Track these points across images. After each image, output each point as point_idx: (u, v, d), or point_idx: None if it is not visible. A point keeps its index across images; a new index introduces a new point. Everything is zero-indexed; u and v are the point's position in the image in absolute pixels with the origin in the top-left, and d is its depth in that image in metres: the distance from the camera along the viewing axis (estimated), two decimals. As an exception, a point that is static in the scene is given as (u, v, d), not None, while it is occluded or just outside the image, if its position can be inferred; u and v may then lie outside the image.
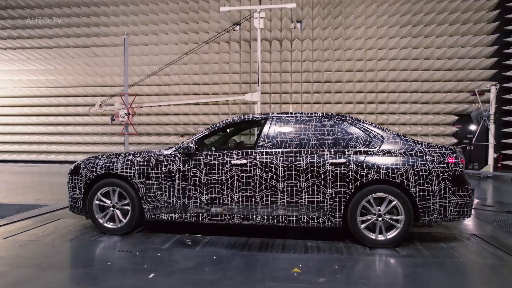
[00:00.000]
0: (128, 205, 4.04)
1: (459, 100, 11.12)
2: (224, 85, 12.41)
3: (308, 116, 4.00)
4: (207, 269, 3.04)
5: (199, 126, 12.54)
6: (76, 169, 4.20)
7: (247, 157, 3.83)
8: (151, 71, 12.28)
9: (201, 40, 12.36)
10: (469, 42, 10.99)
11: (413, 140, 3.80)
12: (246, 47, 12.35)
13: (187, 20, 12.45)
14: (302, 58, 11.98)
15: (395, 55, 11.31)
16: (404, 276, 2.94)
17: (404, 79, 11.38)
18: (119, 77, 12.68)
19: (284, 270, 3.03)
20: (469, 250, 3.56)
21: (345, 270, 3.06)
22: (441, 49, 11.03)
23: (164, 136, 12.65)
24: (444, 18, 11.02)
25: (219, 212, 3.88)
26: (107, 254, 3.46)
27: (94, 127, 12.95)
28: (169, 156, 3.98)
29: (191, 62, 12.35)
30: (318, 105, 11.91)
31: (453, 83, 11.02)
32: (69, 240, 3.88)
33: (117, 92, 12.31)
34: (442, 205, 3.58)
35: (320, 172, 3.68)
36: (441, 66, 11.10)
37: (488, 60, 10.88)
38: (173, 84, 12.60)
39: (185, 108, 12.50)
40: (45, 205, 5.68)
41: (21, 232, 4.14)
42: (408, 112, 11.35)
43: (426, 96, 11.21)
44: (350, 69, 11.68)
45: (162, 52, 12.53)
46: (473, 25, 10.93)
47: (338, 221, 3.71)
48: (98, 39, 12.88)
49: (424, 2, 11.08)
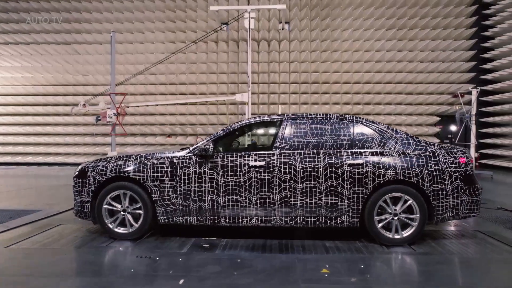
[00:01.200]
0: (139, 209, 3.92)
1: (440, 101, 11.60)
2: (212, 85, 12.29)
3: (323, 117, 4.04)
4: (236, 273, 3.00)
5: (187, 127, 12.35)
6: (83, 172, 4.02)
7: (265, 159, 3.81)
8: (136, 70, 11.96)
9: (189, 39, 12.17)
10: (450, 46, 11.49)
11: (425, 141, 3.93)
12: (234, 47, 12.29)
13: (174, 19, 12.22)
14: (290, 59, 12.07)
15: (380, 57, 11.63)
16: (430, 273, 3.03)
17: (389, 81, 11.72)
18: (102, 76, 12.25)
19: (313, 271, 3.05)
20: (480, 246, 3.72)
21: (372, 269, 3.12)
22: (424, 53, 11.46)
23: (150, 136, 12.34)
24: (426, 23, 11.45)
25: (236, 214, 3.84)
26: (125, 260, 3.34)
27: (76, 127, 12.44)
28: (184, 158, 3.89)
29: (178, 61, 12.14)
30: (306, 105, 12.04)
31: (435, 85, 11.47)
32: (79, 246, 3.70)
33: (101, 92, 11.91)
34: (454, 204, 3.73)
35: (339, 173, 3.73)
36: (424, 69, 11.54)
37: (467, 64, 11.42)
38: (159, 83, 12.33)
39: (172, 108, 12.26)
40: (38, 210, 5.40)
41: (23, 240, 3.92)
42: (393, 113, 11.70)
43: (410, 97, 11.60)
44: (337, 70, 11.89)
45: (148, 50, 12.23)
46: (453, 30, 11.44)
47: (355, 221, 3.77)
48: (79, 36, 12.37)
49: (408, 7, 11.47)
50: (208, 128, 12.32)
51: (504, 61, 10.71)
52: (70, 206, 5.58)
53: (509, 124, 10.68)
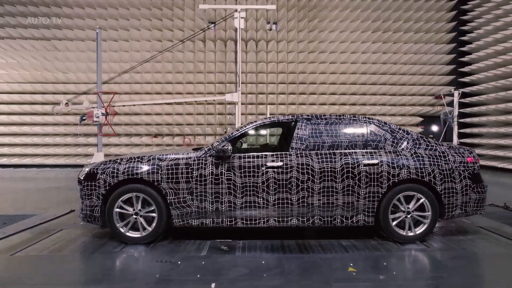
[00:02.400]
0: (152, 212, 3.80)
1: (422, 102, 12.05)
2: (199, 84, 12.14)
3: (337, 118, 4.09)
4: (265, 275, 2.99)
5: (173, 127, 12.12)
6: (91, 174, 3.85)
7: (282, 159, 3.81)
8: (121, 68, 11.61)
9: (176, 37, 11.96)
10: (431, 50, 11.97)
11: (434, 141, 4.07)
12: (222, 47, 12.19)
13: (161, 17, 11.97)
14: (278, 59, 12.13)
15: (366, 59, 11.92)
16: (451, 268, 3.14)
17: (374, 82, 12.05)
18: (85, 74, 11.79)
19: (341, 271, 3.08)
20: (487, 242, 3.89)
21: (395, 266, 3.20)
22: (408, 55, 11.88)
23: (135, 137, 12.01)
24: (409, 27, 11.87)
25: (253, 215, 3.82)
26: (146, 265, 3.23)
27: (56, 127, 11.89)
28: (199, 159, 3.81)
29: (165, 60, 11.90)
30: (294, 106, 12.14)
31: (418, 87, 11.92)
32: (91, 252, 3.55)
33: (83, 90, 11.47)
34: (463, 201, 3.89)
35: (355, 173, 3.79)
36: (407, 71, 11.95)
37: (448, 67, 11.95)
38: (144, 82, 12.02)
39: (158, 107, 12.00)
40: (32, 214, 5.12)
41: (27, 247, 3.70)
42: (378, 113, 12.03)
43: (394, 98, 11.97)
44: (324, 71, 12.08)
45: (133, 48, 11.89)
46: (434, 34, 11.92)
47: (371, 219, 3.84)
48: (59, 31, 11.84)
49: (392, 10, 11.84)
50: (196, 128, 12.16)
51: (481, 65, 11.28)
52: (65, 210, 5.36)
53: (486, 124, 11.26)
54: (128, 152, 11.95)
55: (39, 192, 7.26)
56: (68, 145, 12.02)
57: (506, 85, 10.28)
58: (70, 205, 5.68)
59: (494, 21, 10.83)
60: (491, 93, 10.89)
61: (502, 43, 10.44)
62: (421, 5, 11.88)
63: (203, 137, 12.23)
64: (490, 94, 10.87)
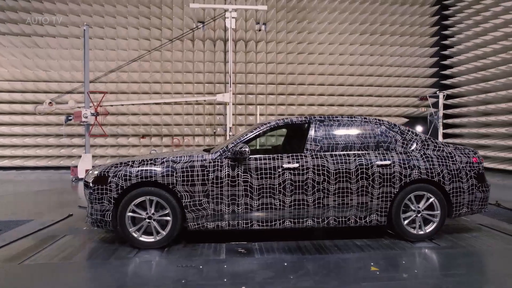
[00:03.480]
0: (167, 216, 3.72)
1: (407, 104, 12.44)
2: (188, 84, 11.98)
3: (349, 119, 4.16)
4: (292, 277, 2.99)
5: (162, 127, 11.90)
6: (102, 177, 3.71)
7: (298, 161, 3.83)
8: (107, 67, 11.28)
9: (164, 36, 11.75)
10: (415, 53, 12.37)
11: (441, 142, 4.21)
12: (211, 46, 12.09)
13: (149, 15, 11.71)
14: (267, 60, 12.16)
15: (354, 60, 12.16)
16: (467, 265, 3.27)
17: (361, 84, 12.31)
18: (68, 73, 11.34)
19: (363, 270, 3.13)
20: (492, 239, 4.06)
21: (415, 264, 3.29)
22: (393, 58, 12.22)
23: (122, 137, 11.69)
24: (395, 30, 12.22)
25: (269, 217, 3.81)
26: (168, 270, 3.15)
27: (37, 127, 11.36)
28: (215, 161, 3.77)
29: (153, 59, 11.65)
30: (283, 106, 12.22)
31: (403, 89, 12.29)
32: (106, 259, 3.42)
33: (67, 89, 11.05)
34: (470, 200, 4.05)
35: (369, 173, 3.86)
36: (393, 73, 12.30)
37: (431, 69, 12.39)
38: (131, 81, 11.73)
39: (146, 107, 11.74)
40: (28, 220, 4.89)
41: (33, 255, 3.52)
42: (365, 114, 12.30)
43: (380, 100, 12.29)
44: (312, 72, 12.22)
45: (120, 47, 11.56)
46: (418, 38, 12.33)
47: (383, 219, 3.93)
48: (41, 27, 11.33)
49: (379, 14, 12.14)
50: (185, 129, 12.00)
51: (462, 68, 11.77)
52: (62, 214, 5.14)
53: (467, 125, 11.77)
54: (114, 153, 11.62)
55: (27, 196, 6.94)
56: (50, 146, 11.53)
57: (486, 88, 10.78)
58: (63, 210, 5.48)
59: (474, 27, 11.32)
60: (472, 95, 11.39)
61: (482, 48, 10.94)
62: (405, 9, 12.26)
63: (192, 137, 12.08)
64: (471, 96, 11.37)
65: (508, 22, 9.98)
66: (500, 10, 10.25)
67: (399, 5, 12.21)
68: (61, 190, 7.63)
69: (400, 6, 12.23)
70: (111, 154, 11.61)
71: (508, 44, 9.91)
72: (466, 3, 11.63)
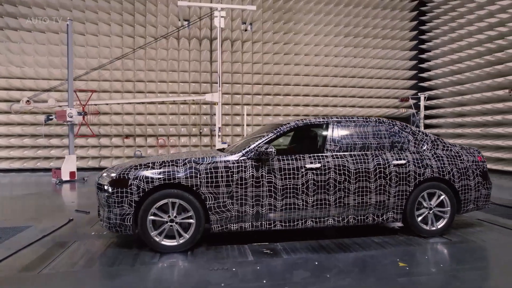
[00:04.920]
0: (189, 218, 3.63)
1: (388, 105, 12.92)
2: (173, 83, 11.73)
3: (364, 120, 4.27)
4: (329, 275, 3.03)
5: (146, 127, 11.57)
6: (122, 180, 3.56)
7: (320, 161, 3.88)
8: (88, 64, 10.82)
9: (148, 33, 11.44)
10: (396, 55, 12.88)
11: (449, 142, 4.43)
12: (197, 45, 11.91)
13: (132, 11, 11.34)
14: (253, 60, 12.17)
15: (338, 62, 12.46)
16: (485, 258, 3.47)
17: (344, 85, 12.63)
18: (46, 69, 10.75)
19: (392, 266, 3.23)
20: (496, 233, 4.31)
21: (437, 259, 3.44)
22: (375, 60, 12.64)
23: (105, 138, 11.24)
24: (377, 33, 12.65)
25: (292, 217, 3.83)
26: (202, 274, 3.07)
27: (11, 127, 10.66)
28: (239, 161, 3.73)
29: (137, 57, 11.31)
30: (270, 106, 12.28)
31: (384, 90, 12.75)
32: (130, 265, 3.28)
33: (43, 87, 10.47)
34: (476, 197, 4.29)
35: (386, 172, 3.99)
36: (375, 75, 12.73)
37: (410, 72, 12.95)
38: (114, 80, 11.31)
39: (129, 107, 11.37)
40: (26, 226, 4.59)
41: (49, 263, 3.32)
42: (348, 114, 12.65)
43: (363, 101, 12.68)
44: (298, 73, 12.37)
45: (102, 44, 11.11)
46: (399, 41, 12.84)
47: (399, 216, 4.07)
48: (14, 20, 10.64)
49: (362, 17, 12.52)
50: (171, 129, 11.74)
51: (439, 71, 12.41)
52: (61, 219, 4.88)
53: (443, 126, 12.41)
54: (96, 154, 11.15)
55: (13, 201, 6.51)
56: (25, 147, 10.86)
57: (461, 91, 11.42)
58: (59, 214, 5.25)
59: (450, 32, 11.97)
60: (448, 97, 12.03)
61: (458, 53, 11.59)
62: (386, 13, 12.72)
63: (177, 138, 11.85)
64: (447, 98, 12.01)
65: (481, 29, 10.64)
66: (474, 18, 10.91)
67: (381, 9, 12.66)
68: (47, 194, 7.22)
69: (382, 10, 12.68)
70: (92, 155, 11.13)
71: (482, 50, 10.57)
72: (442, 10, 12.27)
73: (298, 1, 12.17)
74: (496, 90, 10.11)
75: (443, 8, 12.21)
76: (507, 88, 9.53)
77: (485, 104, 10.51)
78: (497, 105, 9.97)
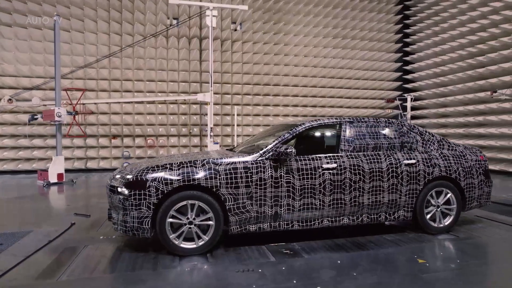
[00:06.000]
0: (208, 220, 3.58)
1: (374, 106, 13.25)
2: (161, 82, 11.52)
3: (375, 121, 4.36)
4: (355, 274, 3.07)
5: (136, 127, 11.29)
6: (140, 182, 3.46)
7: (335, 161, 3.93)
8: (73, 62, 10.44)
9: (137, 31, 11.18)
10: (382, 57, 13.22)
11: (453, 143, 4.60)
12: (186, 44, 11.75)
13: (120, 8, 11.03)
14: (243, 60, 12.14)
15: (327, 63, 12.64)
16: (496, 253, 3.62)
17: (332, 86, 12.84)
18: (28, 67, 10.26)
19: (412, 263, 3.32)
20: (497, 228, 4.51)
21: (452, 255, 3.56)
22: (363, 61, 12.93)
23: (91, 138, 10.87)
24: (364, 35, 12.93)
25: (310, 217, 3.86)
26: (230, 277, 3.03)
27: (-10, 127, 10.12)
28: (257, 162, 3.72)
29: (124, 55, 11.01)
30: (260, 107, 12.30)
31: (371, 91, 13.06)
32: (153, 269, 3.20)
33: (23, 85, 10.01)
34: (479, 194, 4.48)
35: (398, 172, 4.09)
36: (362, 76, 13.01)
37: (395, 74, 13.34)
38: (100, 78, 10.97)
39: (117, 106, 11.06)
40: (26, 231, 4.38)
41: (66, 269, 3.18)
42: (336, 115, 12.86)
43: (350, 101, 12.93)
44: (287, 73, 12.45)
45: (88, 41, 10.74)
46: (385, 44, 13.20)
47: (409, 214, 4.19)
48: (-7, 15, 10.11)
49: (350, 19, 12.76)
50: (160, 129, 11.52)
51: (422, 74, 12.85)
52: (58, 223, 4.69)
53: (426, 126, 12.86)
54: (82, 155, 10.77)
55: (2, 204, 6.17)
56: (5, 148, 10.33)
57: (444, 92, 11.89)
58: (57, 218, 5.05)
59: (433, 36, 12.42)
60: (431, 99, 12.48)
61: (441, 56, 12.05)
62: (373, 16, 13.04)
63: (166, 138, 11.64)
64: (431, 100, 12.46)
65: (463, 34, 11.11)
66: (456, 23, 11.38)
67: (367, 12, 12.96)
68: (36, 197, 6.90)
69: (369, 13, 12.98)
70: (78, 156, 10.74)
71: (464, 54, 11.04)
72: (426, 15, 12.72)
73: (288, 1, 12.26)
74: (477, 92, 10.60)
75: (426, 13, 12.65)
76: (489, 91, 10.01)
77: (467, 105, 10.99)
78: (478, 107, 10.44)
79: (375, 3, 13.02)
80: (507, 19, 9.67)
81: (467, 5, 10.83)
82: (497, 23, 9.94)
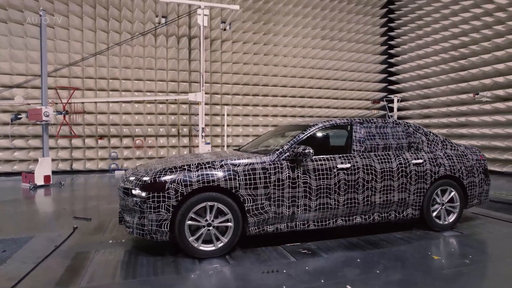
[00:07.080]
0: (227, 222, 3.55)
1: (360, 106, 13.55)
2: (150, 82, 11.28)
3: (383, 122, 4.46)
4: (378, 271, 3.14)
5: (123, 127, 10.99)
6: (158, 183, 3.38)
7: (349, 161, 3.99)
8: (57, 59, 10.04)
9: (124, 29, 10.88)
10: (367, 59, 13.54)
11: (455, 143, 4.78)
12: (175, 43, 11.56)
13: (106, 5, 10.70)
14: (232, 60, 12.09)
15: (315, 64, 12.80)
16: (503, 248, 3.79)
17: (320, 86, 13.02)
18: (8, 64, 9.76)
19: (427, 259, 3.43)
20: (496, 225, 4.72)
21: (463, 251, 3.70)
22: (350, 63, 13.19)
23: (76, 139, 10.48)
24: (351, 37, 13.20)
25: (325, 216, 3.91)
26: (258, 278, 3.01)
27: (-33, 127, 9.56)
28: (275, 162, 3.72)
29: (111, 53, 10.70)
30: (250, 107, 12.29)
31: (358, 92, 13.34)
32: (176, 273, 3.13)
33: (3, 82, 9.53)
34: (479, 192, 4.69)
35: (407, 171, 4.21)
36: (348, 77, 13.27)
37: (380, 75, 13.69)
38: (86, 77, 10.60)
39: (103, 106, 10.73)
40: (28, 237, 4.18)
41: (83, 275, 3.06)
42: (324, 115, 13.05)
43: (338, 102, 13.16)
44: (276, 74, 12.51)
45: (73, 38, 10.35)
46: (371, 46, 13.52)
47: (417, 212, 4.32)
48: (-30, 9, 9.55)
49: (338, 21, 12.98)
50: (148, 129, 11.27)
51: (406, 75, 13.27)
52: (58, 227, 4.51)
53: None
54: (67, 156, 10.38)
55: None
56: (-17, 149, 9.79)
57: (427, 94, 12.33)
58: (56, 222, 4.85)
59: (417, 39, 12.85)
60: (415, 100, 12.91)
61: (424, 59, 12.48)
62: (359, 19, 13.33)
63: (154, 138, 11.41)
64: (414, 101, 12.88)
65: (446, 38, 11.56)
66: (439, 27, 11.82)
67: (354, 15, 13.23)
68: (25, 200, 6.59)
69: (355, 16, 13.26)
70: (63, 157, 10.34)
71: (447, 57, 11.49)
72: (409, 18, 13.13)
73: (277, 2, 12.32)
74: (460, 94, 11.05)
75: (410, 17, 13.07)
76: (470, 93, 10.46)
77: (450, 106, 11.45)
78: (461, 108, 10.90)
79: (361, 6, 13.31)
80: (487, 25, 10.15)
81: (449, 10, 11.28)
82: (478, 29, 10.41)
